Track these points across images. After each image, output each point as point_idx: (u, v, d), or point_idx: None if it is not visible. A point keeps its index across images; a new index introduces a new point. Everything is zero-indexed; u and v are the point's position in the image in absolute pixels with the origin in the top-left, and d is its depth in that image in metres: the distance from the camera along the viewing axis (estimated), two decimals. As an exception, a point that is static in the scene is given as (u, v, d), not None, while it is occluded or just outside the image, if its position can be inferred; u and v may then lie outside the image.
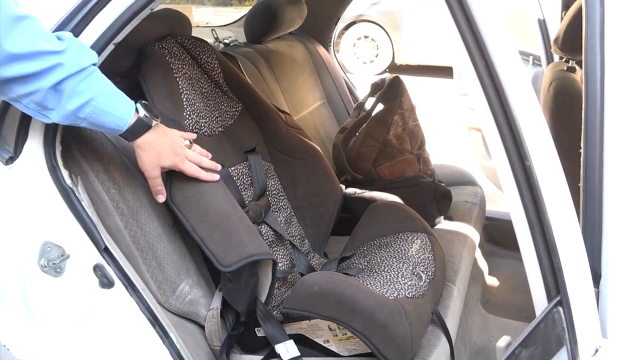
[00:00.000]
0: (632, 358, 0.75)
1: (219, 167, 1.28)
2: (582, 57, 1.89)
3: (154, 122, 1.12)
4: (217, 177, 1.26)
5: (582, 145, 0.78)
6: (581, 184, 0.79)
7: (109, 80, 1.05)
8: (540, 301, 0.78)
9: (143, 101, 1.13)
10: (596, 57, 0.77)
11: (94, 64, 1.03)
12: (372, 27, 7.12)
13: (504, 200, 2.83)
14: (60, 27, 1.06)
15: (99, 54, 1.08)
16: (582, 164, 0.78)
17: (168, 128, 1.19)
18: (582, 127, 0.78)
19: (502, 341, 0.83)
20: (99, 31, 1.07)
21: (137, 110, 1.09)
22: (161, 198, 1.21)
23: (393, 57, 7.10)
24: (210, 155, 1.28)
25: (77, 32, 1.06)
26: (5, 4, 0.90)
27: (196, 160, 1.22)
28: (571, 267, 0.73)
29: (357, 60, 7.25)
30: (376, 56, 7.20)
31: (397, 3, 6.98)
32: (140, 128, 1.09)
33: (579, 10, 1.60)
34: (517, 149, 0.72)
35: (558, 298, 0.74)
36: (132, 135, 1.09)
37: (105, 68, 1.10)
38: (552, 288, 0.75)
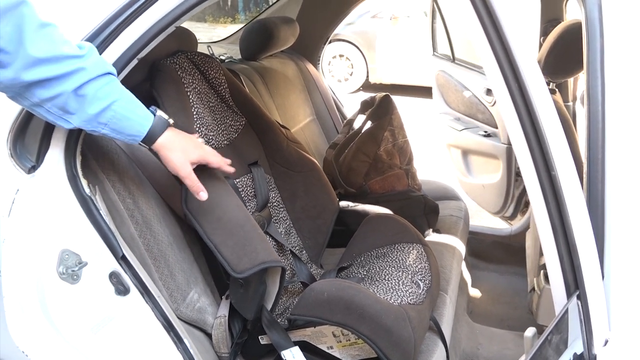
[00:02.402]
0: (637, 350, 0.84)
1: (228, 161, 1.26)
2: (562, 80, 2.02)
3: (171, 121, 1.14)
4: (232, 169, 1.26)
5: (585, 160, 0.88)
6: (584, 195, 0.87)
7: (127, 90, 1.08)
8: (559, 295, 0.86)
9: (154, 106, 1.14)
10: (597, 82, 0.87)
11: (113, 74, 1.06)
12: (347, 46, 7.27)
13: (480, 215, 2.91)
14: (89, 40, 1.09)
15: (124, 67, 1.12)
16: (585, 177, 0.88)
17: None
18: (585, 144, 0.87)
19: (529, 332, 0.91)
20: (125, 46, 1.10)
21: (153, 113, 1.11)
22: (204, 195, 1.16)
23: (367, 76, 7.25)
24: (215, 152, 1.28)
25: (104, 46, 1.09)
26: (31, 11, 0.93)
27: (212, 152, 1.22)
28: (588, 265, 0.82)
29: (332, 78, 7.37)
30: (351, 74, 7.34)
31: (372, 23, 7.16)
32: (159, 129, 1.10)
33: (559, 37, 1.72)
34: (544, 160, 0.82)
35: (577, 292, 0.82)
36: (150, 139, 1.09)
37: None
38: (572, 284, 0.84)
